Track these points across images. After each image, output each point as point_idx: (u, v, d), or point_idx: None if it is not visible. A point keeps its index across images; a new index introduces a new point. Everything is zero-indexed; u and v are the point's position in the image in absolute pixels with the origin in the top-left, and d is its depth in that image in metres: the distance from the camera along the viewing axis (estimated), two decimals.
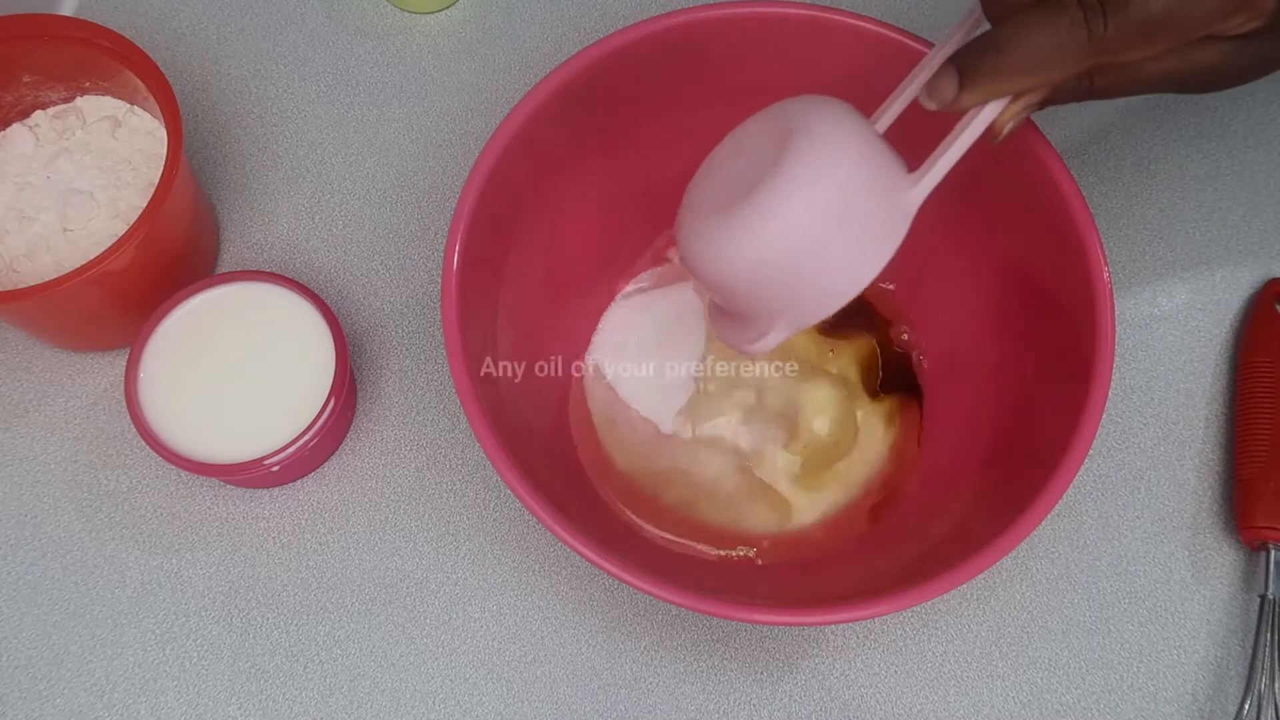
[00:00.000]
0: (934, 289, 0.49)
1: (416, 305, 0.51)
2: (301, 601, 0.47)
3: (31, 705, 0.45)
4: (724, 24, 0.43)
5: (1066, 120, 0.55)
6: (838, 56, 0.44)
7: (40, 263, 0.46)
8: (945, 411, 0.48)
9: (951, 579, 0.36)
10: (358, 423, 0.49)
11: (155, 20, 0.56)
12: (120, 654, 0.46)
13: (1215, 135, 0.55)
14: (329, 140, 0.54)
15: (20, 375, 0.50)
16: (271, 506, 0.48)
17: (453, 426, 0.49)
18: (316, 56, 0.56)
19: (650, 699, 0.46)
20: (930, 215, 0.47)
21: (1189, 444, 0.50)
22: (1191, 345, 0.51)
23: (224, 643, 0.46)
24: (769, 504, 0.47)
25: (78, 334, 0.49)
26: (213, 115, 0.55)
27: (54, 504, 0.48)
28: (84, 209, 0.47)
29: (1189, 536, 0.48)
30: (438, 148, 0.54)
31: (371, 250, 0.52)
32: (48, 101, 0.49)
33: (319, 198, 0.53)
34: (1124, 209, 0.53)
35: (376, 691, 0.45)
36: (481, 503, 0.48)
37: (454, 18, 0.57)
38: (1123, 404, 0.50)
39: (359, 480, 0.48)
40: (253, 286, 0.46)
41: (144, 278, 0.46)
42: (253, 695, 0.45)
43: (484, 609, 0.47)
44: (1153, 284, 0.52)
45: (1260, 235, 0.53)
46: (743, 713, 0.45)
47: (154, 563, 0.47)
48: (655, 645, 0.46)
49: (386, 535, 0.48)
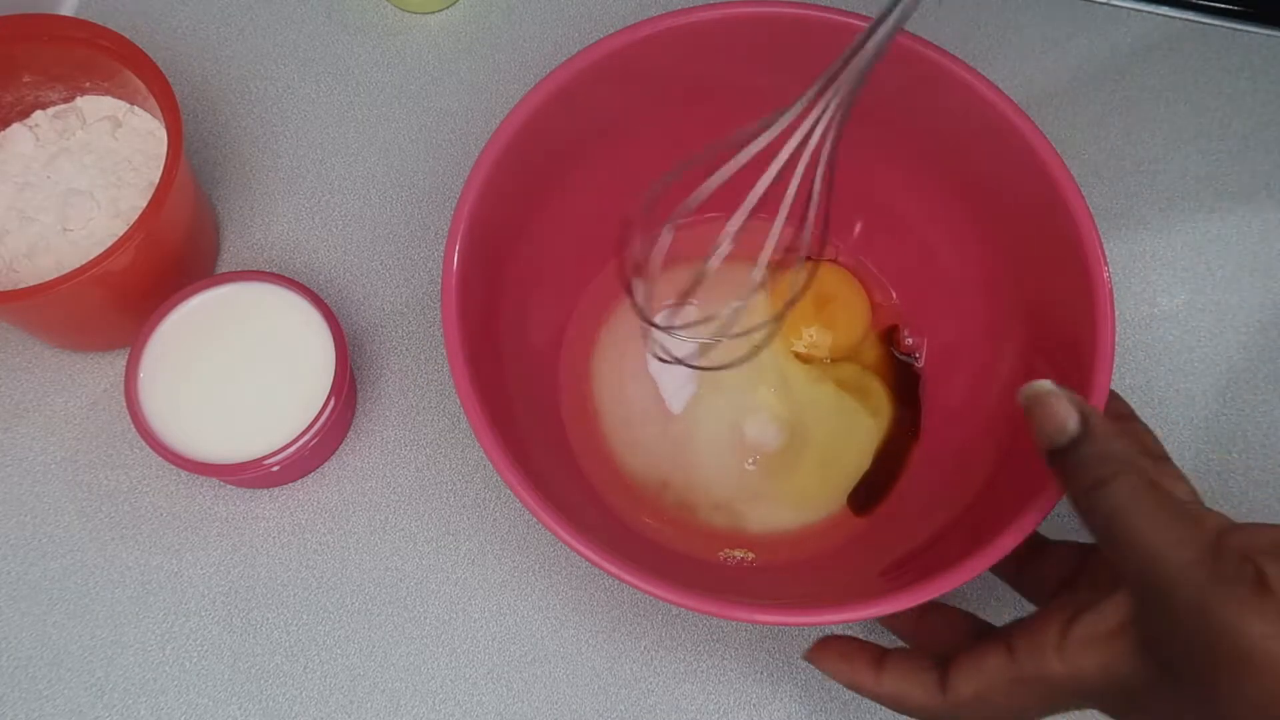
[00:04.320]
0: (934, 290, 0.49)
1: (416, 305, 0.51)
2: (301, 601, 0.47)
3: (31, 705, 0.45)
4: (724, 25, 0.43)
5: (1066, 120, 0.55)
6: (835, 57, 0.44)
7: (40, 263, 0.46)
8: (944, 412, 0.48)
9: (950, 579, 0.36)
10: (358, 423, 0.49)
11: (155, 20, 0.56)
12: (120, 654, 0.46)
13: (1215, 135, 0.55)
14: (329, 140, 0.54)
15: (20, 375, 0.50)
16: (271, 506, 0.48)
17: (453, 426, 0.49)
18: (316, 56, 0.56)
19: (650, 699, 0.46)
20: (930, 215, 0.48)
21: (1189, 444, 0.50)
22: (1191, 345, 0.51)
23: (224, 643, 0.46)
24: (769, 505, 0.47)
25: (78, 334, 0.49)
26: (213, 115, 0.55)
27: (54, 504, 0.48)
28: (84, 209, 0.47)
29: None
30: (438, 148, 0.54)
31: (371, 250, 0.52)
32: (48, 101, 0.49)
33: (319, 198, 0.53)
34: (1124, 209, 0.53)
35: (376, 691, 0.45)
36: (481, 503, 0.48)
37: (454, 18, 0.57)
38: None
39: (359, 480, 0.48)
40: (253, 286, 0.46)
41: (144, 278, 0.46)
42: (253, 695, 0.45)
43: (484, 609, 0.47)
44: (1153, 284, 0.52)
45: (1260, 235, 0.53)
46: (743, 713, 0.45)
47: (154, 563, 0.47)
48: (655, 645, 0.46)
49: (386, 535, 0.48)
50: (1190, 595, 0.30)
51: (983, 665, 0.35)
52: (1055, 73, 0.56)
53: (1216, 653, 0.30)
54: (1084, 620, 0.33)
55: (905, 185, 0.47)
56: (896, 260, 0.50)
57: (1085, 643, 0.33)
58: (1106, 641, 0.33)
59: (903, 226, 0.49)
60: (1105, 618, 0.33)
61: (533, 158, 0.43)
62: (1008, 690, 0.34)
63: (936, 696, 0.36)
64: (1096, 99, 0.56)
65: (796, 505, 0.47)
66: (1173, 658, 0.31)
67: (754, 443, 0.48)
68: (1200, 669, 0.30)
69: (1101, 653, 0.33)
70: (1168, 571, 0.31)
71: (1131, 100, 0.56)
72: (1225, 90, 0.56)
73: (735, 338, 0.43)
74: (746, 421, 0.48)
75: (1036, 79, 0.56)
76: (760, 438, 0.48)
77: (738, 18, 0.43)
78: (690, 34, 0.43)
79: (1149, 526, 0.31)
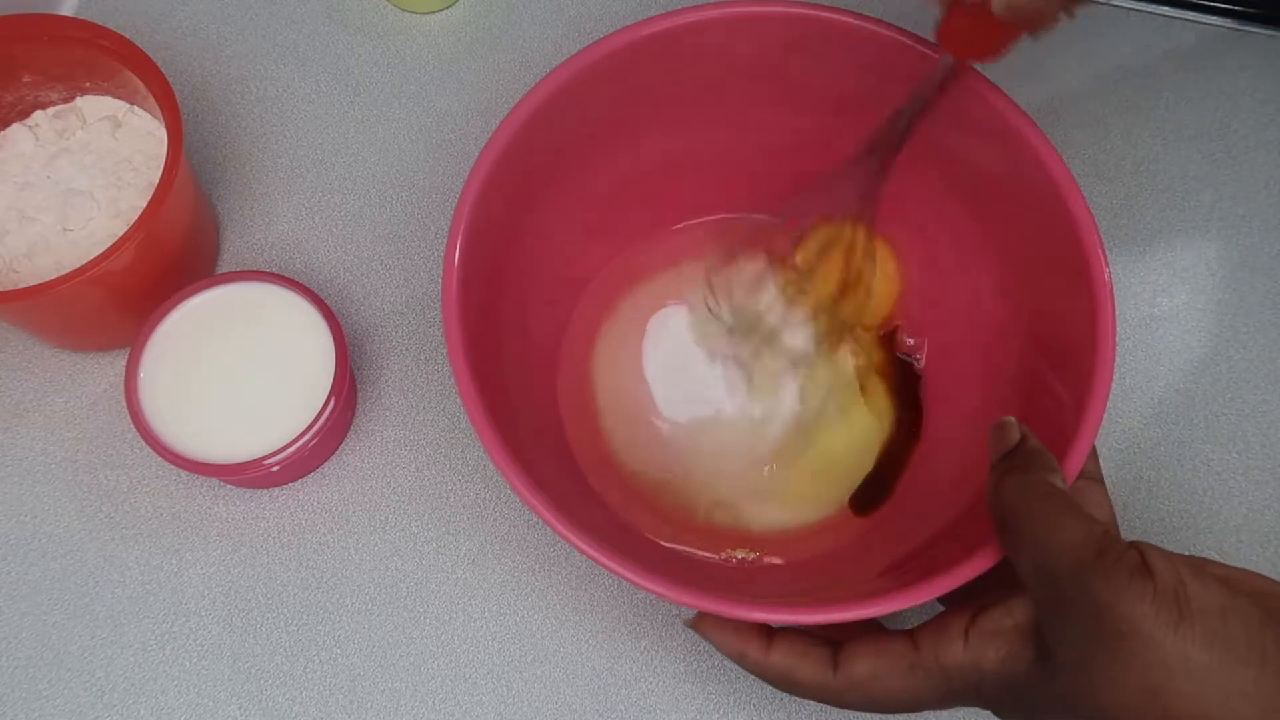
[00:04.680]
0: (933, 290, 0.49)
1: (416, 305, 0.51)
2: (301, 601, 0.47)
3: (31, 705, 0.45)
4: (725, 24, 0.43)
5: (1066, 120, 0.55)
6: (835, 57, 0.44)
7: (40, 263, 0.46)
8: (944, 411, 0.48)
9: (950, 578, 0.36)
10: (358, 423, 0.49)
11: (155, 20, 0.56)
12: (120, 654, 0.46)
13: (1215, 135, 0.55)
14: (329, 140, 0.54)
15: (20, 375, 0.50)
16: (271, 506, 0.48)
17: (453, 426, 0.49)
18: (316, 56, 0.56)
19: (650, 699, 0.46)
20: (930, 216, 0.48)
21: (1188, 444, 0.50)
22: (1191, 345, 0.51)
23: (224, 643, 0.46)
24: (770, 504, 0.47)
25: (78, 334, 0.49)
26: (213, 115, 0.55)
27: (54, 504, 0.48)
28: (84, 209, 0.47)
29: (1189, 537, 0.48)
30: (438, 148, 0.54)
31: (371, 250, 0.52)
32: (48, 101, 0.49)
33: (319, 198, 0.53)
34: (1124, 209, 0.53)
35: (376, 691, 0.45)
36: (481, 503, 0.48)
37: (454, 18, 0.57)
38: (1123, 404, 0.50)
39: (359, 480, 0.48)
40: (253, 286, 0.46)
41: (144, 278, 0.46)
42: (253, 695, 0.45)
43: (484, 609, 0.47)
44: (1153, 284, 0.52)
45: (1260, 235, 0.53)
46: (743, 713, 0.45)
47: (154, 563, 0.47)
48: (655, 645, 0.46)
49: (386, 535, 0.48)
50: (1075, 575, 0.31)
51: (883, 649, 0.36)
52: (1056, 73, 0.56)
53: (1097, 633, 0.31)
54: (991, 614, 0.34)
55: (905, 186, 0.47)
56: (897, 260, 0.50)
57: (989, 635, 0.34)
58: (1009, 635, 0.34)
59: (903, 227, 0.49)
60: (1011, 613, 0.34)
61: (533, 157, 0.43)
62: (905, 675, 0.35)
63: (827, 674, 0.36)
64: (1096, 99, 0.56)
65: (797, 505, 0.47)
66: (1057, 642, 0.32)
67: (757, 445, 0.48)
68: (1081, 653, 0.31)
69: (1002, 645, 0.34)
70: (1056, 552, 0.32)
71: (1131, 100, 0.56)
72: (1225, 90, 0.56)
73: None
74: (751, 424, 0.48)
75: (1037, 79, 0.56)
76: (764, 440, 0.48)
77: (739, 17, 0.43)
78: (691, 33, 0.43)
79: (1043, 512, 0.33)
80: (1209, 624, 0.30)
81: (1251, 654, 0.29)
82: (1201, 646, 0.29)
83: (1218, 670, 0.29)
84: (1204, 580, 0.31)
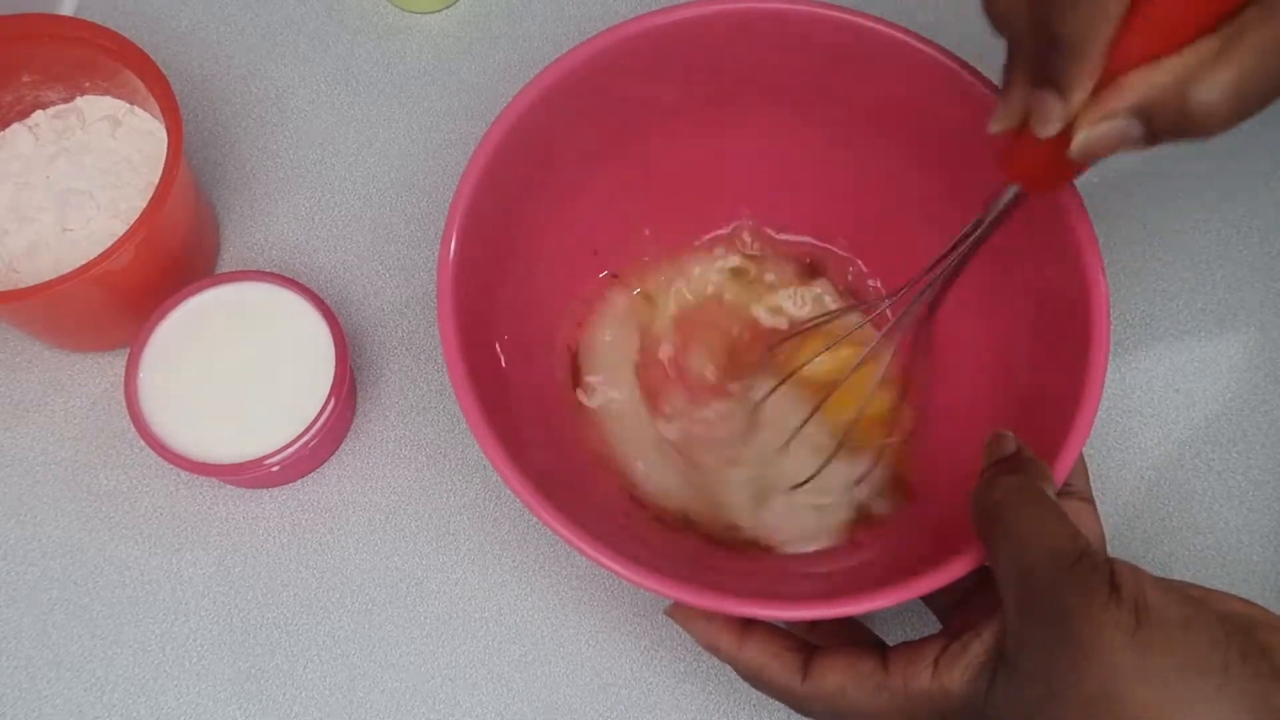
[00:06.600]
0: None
1: (416, 305, 0.51)
2: (301, 601, 0.47)
3: (31, 705, 0.45)
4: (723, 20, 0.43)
5: None
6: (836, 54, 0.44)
7: (40, 263, 0.46)
8: (941, 410, 0.48)
9: (949, 572, 0.36)
10: (358, 423, 0.49)
11: (155, 20, 0.56)
12: (120, 654, 0.46)
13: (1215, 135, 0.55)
14: (329, 140, 0.54)
15: (20, 375, 0.50)
16: (271, 506, 0.48)
17: (453, 426, 0.49)
18: (316, 56, 0.56)
19: (650, 699, 0.46)
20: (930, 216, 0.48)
21: (1189, 444, 0.50)
22: (1191, 345, 0.51)
23: (224, 643, 0.46)
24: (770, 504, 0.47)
25: (78, 334, 0.49)
26: (213, 115, 0.55)
27: (54, 504, 0.48)
28: (84, 209, 0.47)
29: (1189, 537, 0.48)
30: (438, 148, 0.54)
31: (371, 250, 0.52)
32: (48, 101, 0.49)
33: (319, 198, 0.53)
34: (1124, 210, 0.53)
35: (376, 691, 0.45)
36: (481, 503, 0.48)
37: (454, 18, 0.57)
38: (1122, 404, 0.50)
39: (359, 480, 0.48)
40: (253, 286, 0.46)
41: (144, 278, 0.46)
42: (253, 695, 0.45)
43: (484, 609, 0.47)
44: (1153, 284, 0.52)
45: (1260, 235, 0.53)
46: (743, 713, 0.45)
47: (154, 563, 0.47)
48: (655, 645, 0.46)
49: (386, 535, 0.48)
50: (1048, 579, 0.31)
51: (854, 664, 0.36)
52: None
53: (1059, 640, 0.31)
54: (964, 640, 0.34)
55: (905, 186, 0.47)
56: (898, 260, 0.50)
57: (958, 662, 0.34)
58: (978, 660, 0.34)
59: (904, 228, 0.48)
60: (984, 640, 0.34)
61: (530, 152, 0.43)
62: (871, 694, 0.35)
63: (795, 678, 0.37)
64: None
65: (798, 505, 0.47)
66: (1021, 647, 0.32)
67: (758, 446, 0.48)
68: (1042, 661, 0.31)
69: (969, 670, 0.34)
70: (1036, 553, 0.32)
71: None
72: None
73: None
74: (749, 421, 0.48)
75: None
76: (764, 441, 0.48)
77: (737, 13, 0.43)
78: (688, 30, 0.43)
79: (1031, 514, 0.33)
80: (1168, 632, 0.30)
81: (1214, 664, 0.30)
82: (1160, 653, 0.30)
83: (1177, 678, 0.29)
84: (1168, 594, 0.31)
